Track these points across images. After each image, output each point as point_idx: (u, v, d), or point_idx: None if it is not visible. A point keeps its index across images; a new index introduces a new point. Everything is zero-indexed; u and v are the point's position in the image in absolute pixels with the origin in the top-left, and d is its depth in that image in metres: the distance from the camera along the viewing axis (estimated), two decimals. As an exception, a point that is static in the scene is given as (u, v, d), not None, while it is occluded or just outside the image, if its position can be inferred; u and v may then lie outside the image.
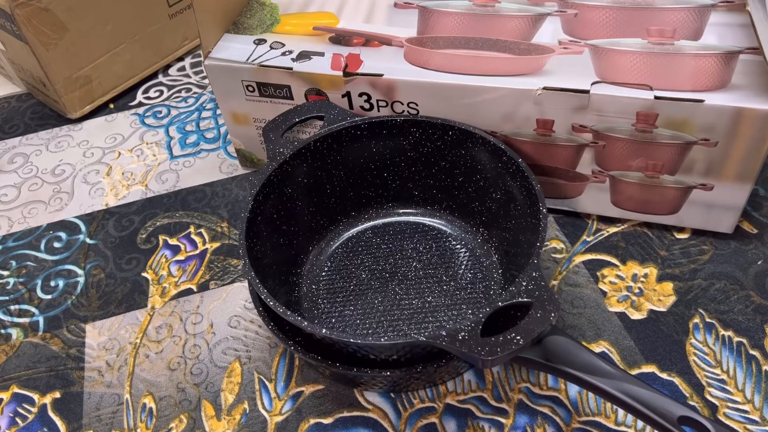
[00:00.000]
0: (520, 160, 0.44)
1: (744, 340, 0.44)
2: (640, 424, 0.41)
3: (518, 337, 0.33)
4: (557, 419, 0.41)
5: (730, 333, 0.44)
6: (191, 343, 0.48)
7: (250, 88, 0.53)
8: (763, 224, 0.51)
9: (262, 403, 0.44)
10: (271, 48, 0.53)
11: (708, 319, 0.45)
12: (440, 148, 0.49)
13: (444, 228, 0.51)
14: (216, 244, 0.55)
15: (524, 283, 0.36)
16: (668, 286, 0.48)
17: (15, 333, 0.50)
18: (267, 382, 0.45)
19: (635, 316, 0.46)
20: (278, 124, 0.49)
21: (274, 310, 0.37)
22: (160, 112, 0.71)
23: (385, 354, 0.38)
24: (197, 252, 0.54)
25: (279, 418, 0.43)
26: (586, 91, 0.44)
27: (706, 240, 0.50)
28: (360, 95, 0.50)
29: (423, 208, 0.53)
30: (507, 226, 0.47)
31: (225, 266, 0.53)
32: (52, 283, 0.54)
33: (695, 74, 0.44)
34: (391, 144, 0.49)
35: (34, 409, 0.45)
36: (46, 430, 0.44)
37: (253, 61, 0.51)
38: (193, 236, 0.56)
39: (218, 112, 0.69)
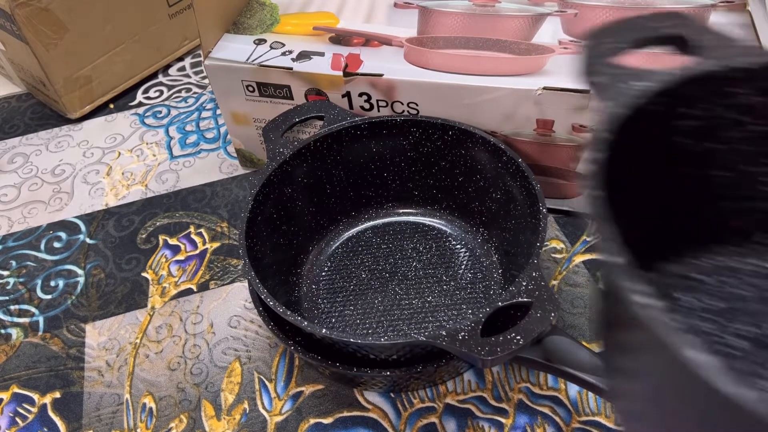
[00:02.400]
0: (520, 160, 0.44)
1: (744, 340, 0.44)
2: (640, 424, 0.41)
3: (518, 337, 0.33)
4: (557, 419, 0.41)
5: (730, 333, 0.44)
6: (191, 343, 0.48)
7: (250, 88, 0.53)
8: (763, 224, 0.51)
9: (262, 403, 0.44)
10: (271, 48, 0.53)
11: (708, 319, 0.45)
12: (440, 148, 0.49)
13: (444, 228, 0.51)
14: (216, 244, 0.55)
15: (524, 283, 0.36)
16: (668, 286, 0.48)
17: (15, 333, 0.50)
18: (267, 382, 0.45)
19: (635, 316, 0.46)
20: (278, 124, 0.49)
21: (274, 310, 0.37)
22: (160, 112, 0.71)
23: (385, 354, 0.38)
24: (197, 252, 0.54)
25: (279, 418, 0.43)
26: (587, 91, 0.44)
27: (706, 240, 0.50)
28: (360, 95, 0.50)
29: (423, 208, 0.53)
30: (507, 226, 0.47)
31: (225, 266, 0.53)
32: (52, 283, 0.54)
33: (695, 74, 0.44)
34: (391, 144, 0.49)
35: (34, 409, 0.45)
36: (46, 430, 0.44)
37: (253, 61, 0.51)
38: (193, 236, 0.56)
39: (218, 112, 0.69)
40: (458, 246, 0.50)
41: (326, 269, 0.49)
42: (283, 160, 0.46)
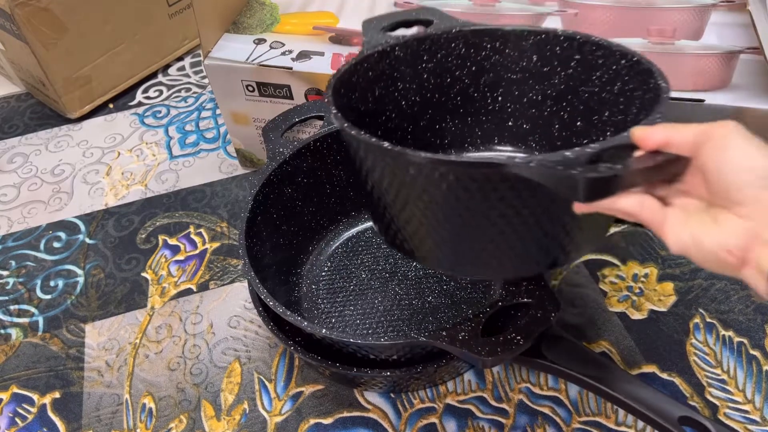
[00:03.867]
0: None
1: (744, 340, 0.44)
2: (640, 424, 0.40)
3: (518, 337, 0.33)
4: (557, 419, 0.41)
5: (730, 333, 0.44)
6: (191, 343, 0.48)
7: (250, 88, 0.53)
8: (763, 224, 0.51)
9: (262, 404, 0.44)
10: (271, 48, 0.52)
11: (708, 319, 0.45)
12: (440, 148, 0.49)
13: (444, 228, 0.51)
14: (216, 244, 0.55)
15: (524, 283, 0.36)
16: (668, 286, 0.48)
17: (15, 333, 0.50)
18: (267, 382, 0.45)
19: (635, 316, 0.46)
20: (278, 123, 0.49)
21: (274, 310, 0.37)
22: (160, 111, 0.70)
23: (385, 354, 0.38)
24: (197, 252, 0.54)
25: (279, 419, 0.43)
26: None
27: (707, 240, 0.50)
28: (360, 95, 0.50)
29: (423, 208, 0.53)
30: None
31: (225, 266, 0.53)
32: (52, 283, 0.54)
33: (696, 74, 0.44)
34: (391, 144, 0.49)
35: (34, 409, 0.45)
36: (45, 430, 0.44)
37: (253, 60, 0.51)
38: (192, 236, 0.56)
39: (218, 112, 0.69)
40: (458, 246, 0.50)
41: (326, 269, 0.49)
42: (283, 160, 0.46)
